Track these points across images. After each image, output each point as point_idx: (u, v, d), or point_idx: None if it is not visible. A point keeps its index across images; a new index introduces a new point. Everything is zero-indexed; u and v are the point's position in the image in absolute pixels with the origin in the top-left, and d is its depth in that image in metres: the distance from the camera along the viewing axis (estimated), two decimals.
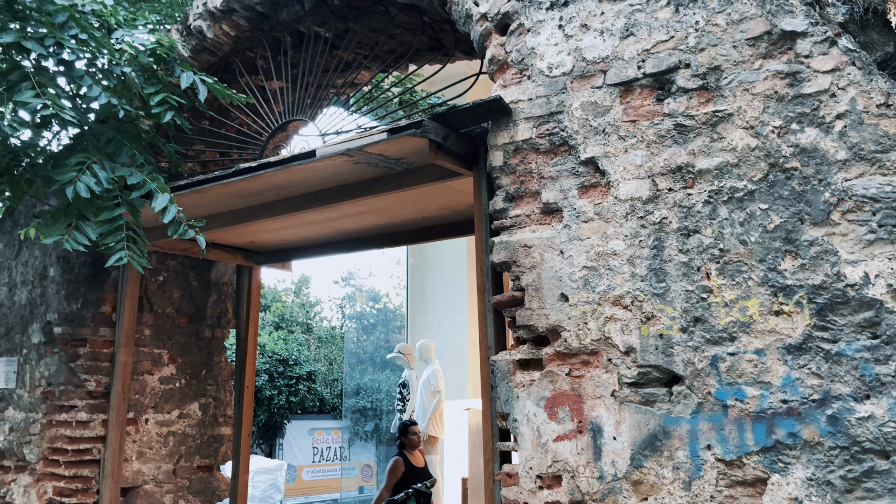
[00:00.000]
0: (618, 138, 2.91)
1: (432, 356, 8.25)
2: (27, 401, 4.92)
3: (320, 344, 22.90)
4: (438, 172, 3.60)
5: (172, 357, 5.27)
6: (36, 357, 4.95)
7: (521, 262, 3.04)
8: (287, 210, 4.29)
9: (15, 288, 5.27)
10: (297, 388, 17.64)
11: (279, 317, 23.32)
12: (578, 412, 2.81)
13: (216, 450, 5.46)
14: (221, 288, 5.72)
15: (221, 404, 5.55)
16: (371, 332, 18.56)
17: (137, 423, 4.99)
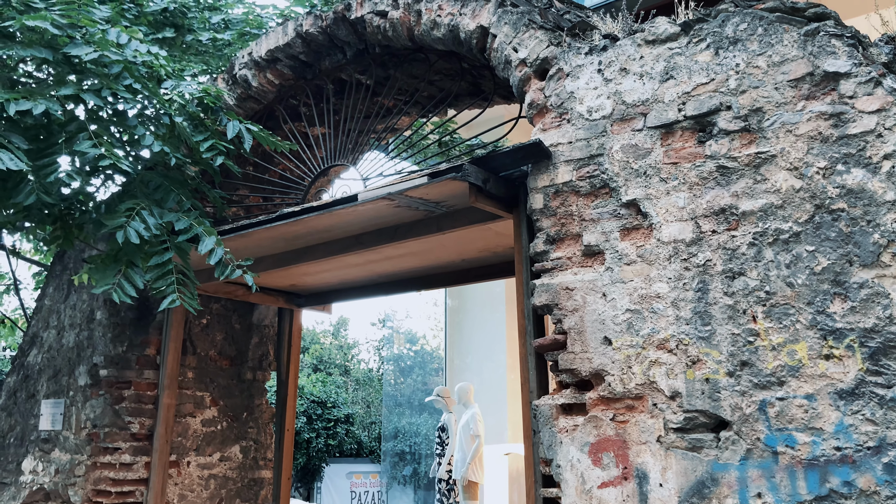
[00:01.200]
0: (659, 180, 2.91)
1: (471, 399, 8.18)
2: (73, 442, 4.99)
3: (358, 386, 22.88)
4: (478, 215, 3.63)
5: (214, 399, 5.32)
6: (82, 399, 5.03)
7: (563, 305, 3.03)
8: (328, 253, 4.35)
9: (63, 331, 5.39)
10: (335, 430, 17.59)
11: (317, 359, 23.41)
12: (623, 458, 2.76)
13: (256, 493, 5.46)
14: (263, 330, 5.77)
15: (262, 447, 5.57)
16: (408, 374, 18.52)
17: (179, 466, 5.02)
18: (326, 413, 17.61)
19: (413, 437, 14.06)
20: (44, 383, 5.39)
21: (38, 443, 5.24)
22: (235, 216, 5.16)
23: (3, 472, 5.49)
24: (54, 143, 3.35)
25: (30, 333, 5.80)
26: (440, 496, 8.28)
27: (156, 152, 3.72)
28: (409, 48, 4.34)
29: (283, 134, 4.94)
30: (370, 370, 25.52)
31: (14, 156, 3.09)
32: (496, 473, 8.11)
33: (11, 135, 3.19)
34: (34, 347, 5.64)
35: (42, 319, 5.68)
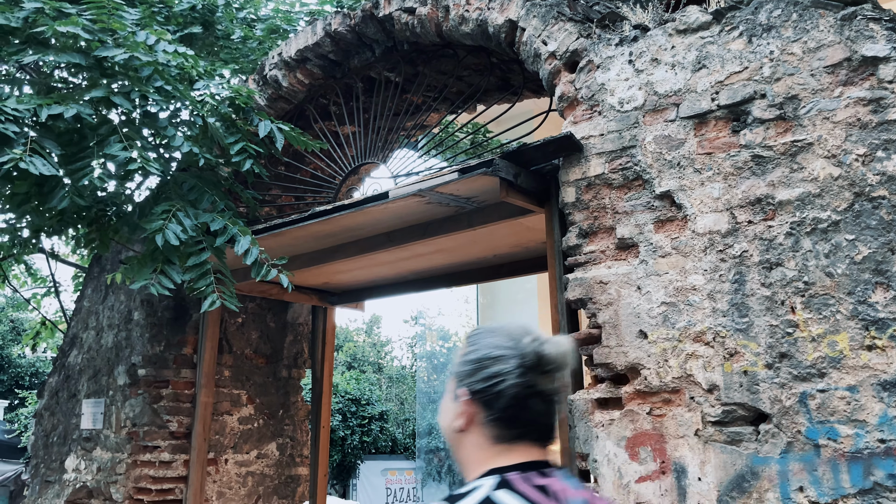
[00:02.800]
0: (693, 171, 2.87)
1: None
2: (113, 441, 5.07)
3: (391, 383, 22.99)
4: (509, 210, 3.61)
5: (251, 397, 5.38)
6: (121, 398, 5.11)
7: (597, 299, 3.01)
8: (360, 251, 4.36)
9: (102, 332, 5.49)
10: (369, 427, 17.70)
11: (351, 356, 23.56)
12: (661, 452, 2.73)
13: (293, 490, 5.51)
14: (297, 328, 5.82)
15: (298, 444, 5.62)
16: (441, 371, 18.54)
17: (217, 464, 5.09)
18: (361, 410, 17.72)
19: None
20: (84, 383, 5.49)
21: (80, 441, 5.35)
22: (268, 216, 5.20)
23: (47, 470, 5.61)
24: (86, 147, 3.41)
25: (70, 335, 5.91)
26: None
27: (185, 153, 3.76)
28: (438, 44, 4.34)
29: (314, 133, 4.97)
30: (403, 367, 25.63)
31: (47, 161, 3.15)
32: None
33: (45, 140, 3.25)
34: (74, 348, 5.75)
35: (81, 321, 5.78)
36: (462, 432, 1.43)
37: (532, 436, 1.40)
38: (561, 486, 1.37)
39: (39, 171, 3.11)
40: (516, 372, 1.37)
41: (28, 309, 8.89)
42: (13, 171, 3.13)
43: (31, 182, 3.42)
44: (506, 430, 1.39)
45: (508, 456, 1.38)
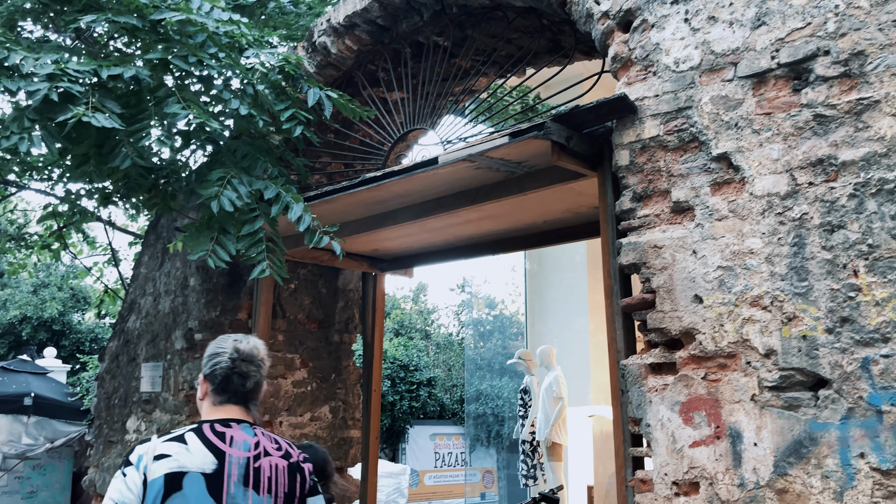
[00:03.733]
0: (752, 132, 2.79)
1: (553, 362, 8.16)
2: (172, 403, 5.23)
3: (439, 350, 23.18)
4: (561, 174, 3.58)
5: (304, 361, 5.48)
6: (179, 362, 5.26)
7: (651, 264, 2.97)
8: (410, 217, 4.38)
9: (159, 297, 5.63)
10: (418, 393, 17.90)
11: (398, 323, 23.80)
12: (716, 417, 2.71)
13: (346, 452, 5.62)
14: (348, 294, 5.89)
15: (350, 407, 5.71)
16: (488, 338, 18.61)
17: (273, 426, 5.21)
18: (409, 376, 17.91)
19: (495, 399, 14.19)
20: (143, 347, 5.66)
21: (139, 403, 5.53)
22: (318, 183, 5.25)
23: (110, 430, 5.82)
24: (145, 109, 3.47)
25: (128, 300, 6.08)
26: (524, 457, 8.34)
27: (242, 117, 3.80)
28: (487, 6, 4.28)
29: (362, 99, 4.97)
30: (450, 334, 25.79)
31: (108, 117, 3.21)
32: (580, 435, 8.10)
33: (105, 100, 3.32)
34: (133, 314, 5.92)
35: (139, 287, 5.94)
36: (202, 400, 2.30)
37: (234, 400, 2.25)
38: (236, 433, 2.17)
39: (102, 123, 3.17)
40: (225, 361, 2.23)
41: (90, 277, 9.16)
42: (73, 133, 3.20)
43: (92, 143, 3.49)
44: (219, 397, 2.25)
45: (216, 414, 2.23)
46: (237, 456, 2.14)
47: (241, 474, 2.12)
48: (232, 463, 2.12)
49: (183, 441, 2.12)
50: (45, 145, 3.36)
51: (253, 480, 2.13)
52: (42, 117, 3.21)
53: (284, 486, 2.18)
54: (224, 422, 2.19)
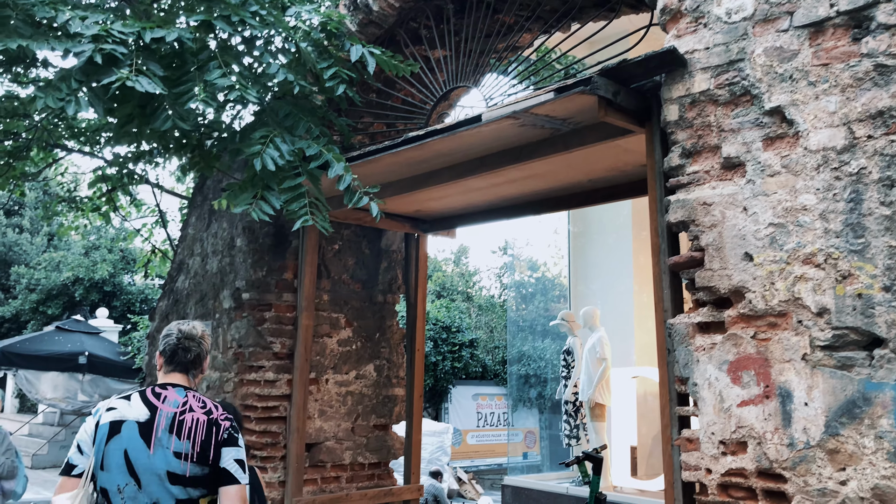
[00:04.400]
0: (807, 84, 2.70)
1: (597, 323, 8.12)
2: (221, 361, 5.35)
3: (480, 312, 23.27)
4: (607, 131, 3.51)
5: (349, 321, 5.54)
6: (227, 321, 5.36)
7: (700, 221, 2.91)
8: (453, 177, 4.35)
9: (207, 258, 5.72)
10: (460, 354, 18.04)
11: (440, 286, 23.92)
12: (765, 376, 2.67)
13: (390, 410, 5.70)
14: (391, 255, 5.92)
15: (394, 366, 5.78)
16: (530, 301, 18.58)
17: (318, 383, 5.30)
18: (451, 337, 18.04)
19: (537, 361, 14.21)
20: (192, 307, 5.78)
21: None
22: (361, 144, 5.24)
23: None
24: (187, 72, 3.49)
25: (177, 261, 6.20)
26: (566, 417, 8.37)
27: (280, 81, 3.80)
28: None
29: (405, 58, 4.92)
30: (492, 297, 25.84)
31: (152, 81, 3.24)
32: (624, 396, 8.08)
33: (149, 63, 3.34)
34: (181, 274, 6.04)
35: (187, 248, 6.05)
36: (158, 370, 2.91)
37: (179, 369, 2.87)
38: (170, 394, 2.77)
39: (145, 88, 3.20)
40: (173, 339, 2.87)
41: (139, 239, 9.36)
42: (118, 94, 3.24)
43: (136, 104, 3.52)
44: (168, 366, 2.87)
45: (164, 379, 2.85)
46: (167, 410, 2.76)
47: (167, 424, 2.73)
48: (161, 415, 2.74)
49: (128, 399, 2.80)
50: (92, 107, 3.41)
51: (177, 429, 2.73)
52: (88, 79, 3.24)
53: (202, 435, 2.74)
54: (163, 385, 2.84)
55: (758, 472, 2.63)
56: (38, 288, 19.04)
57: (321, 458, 5.23)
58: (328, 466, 5.28)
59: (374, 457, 5.55)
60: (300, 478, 4.95)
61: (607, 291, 9.35)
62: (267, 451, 4.98)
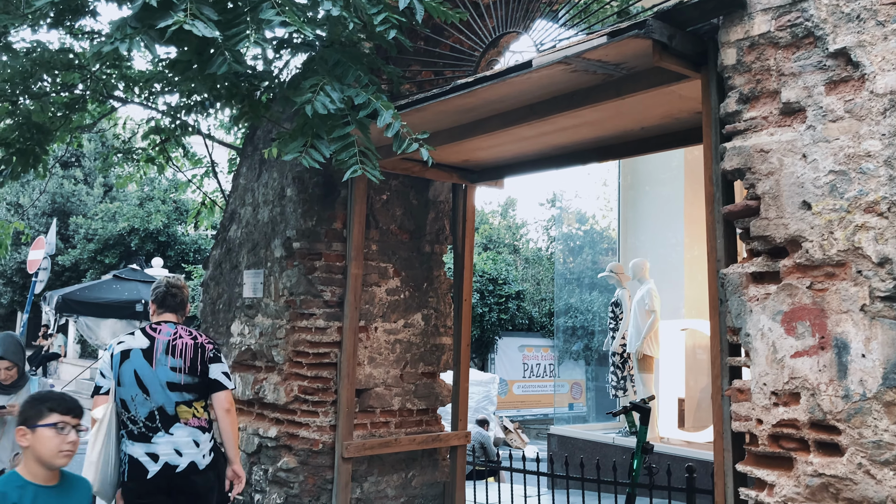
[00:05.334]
0: (875, 24, 2.58)
1: (646, 275, 8.05)
2: (273, 308, 5.46)
3: (527, 265, 23.26)
4: (661, 77, 3.42)
5: (397, 270, 5.59)
6: (279, 269, 5.45)
7: (757, 169, 2.83)
8: (502, 125, 4.31)
9: (258, 207, 5.81)
10: (506, 306, 18.11)
11: (487, 238, 23.93)
12: (820, 327, 2.61)
13: (438, 358, 5.77)
14: (439, 206, 5.92)
15: (441, 316, 5.83)
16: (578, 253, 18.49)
17: (368, 331, 5.38)
18: (498, 289, 18.10)
19: (585, 313, 14.19)
20: (244, 255, 5.89)
21: (243, 309, 5.79)
22: (408, 92, 5.21)
23: (215, 334, 6.15)
24: (240, 14, 3.49)
25: (228, 210, 6.31)
26: (613, 369, 8.37)
27: (332, 22, 3.77)
28: None
29: (453, 4, 4.85)
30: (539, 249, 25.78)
31: (207, 25, 3.25)
32: (672, 348, 8.04)
33: (203, 6, 3.35)
34: (233, 223, 6.14)
35: (238, 197, 6.14)
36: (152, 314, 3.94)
37: (168, 311, 3.91)
38: (164, 328, 3.81)
39: (202, 32, 3.21)
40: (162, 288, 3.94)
41: (190, 190, 9.53)
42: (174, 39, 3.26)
43: (193, 49, 3.54)
44: (160, 309, 3.93)
45: (157, 319, 3.92)
46: (162, 339, 3.82)
47: (164, 348, 3.79)
48: (159, 342, 3.81)
49: (132, 334, 3.89)
50: (147, 49, 3.45)
51: (171, 351, 3.79)
52: (143, 25, 3.27)
53: (190, 353, 3.82)
54: (158, 323, 3.92)
55: (810, 423, 2.60)
56: (95, 238, 19.61)
57: (371, 404, 5.34)
58: (377, 412, 5.40)
59: (423, 403, 5.64)
60: (350, 422, 5.07)
61: (657, 244, 9.23)
62: (318, 395, 5.10)
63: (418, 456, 5.58)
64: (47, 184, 17.85)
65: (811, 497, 2.57)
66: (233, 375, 5.69)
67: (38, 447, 2.59)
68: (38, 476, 2.62)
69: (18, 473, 2.63)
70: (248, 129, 6.26)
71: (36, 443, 2.59)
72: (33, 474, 2.62)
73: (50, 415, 2.60)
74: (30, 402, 2.69)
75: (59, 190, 20.83)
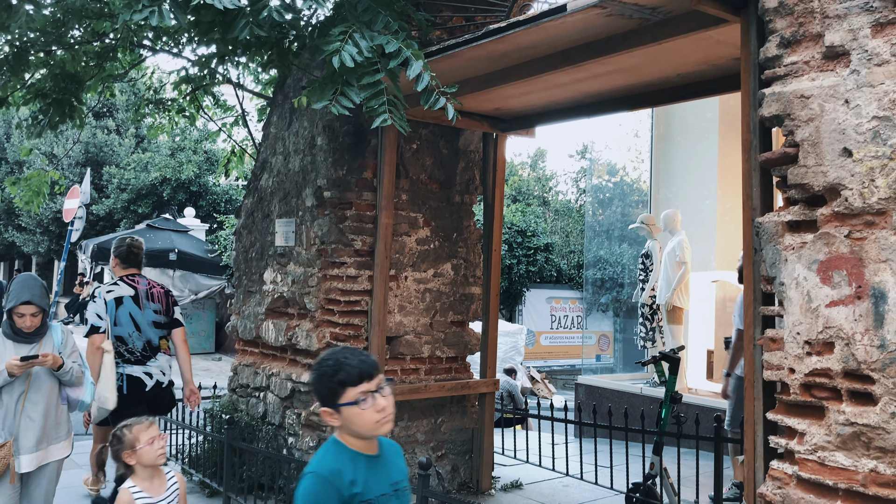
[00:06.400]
0: None
1: (678, 227, 7.97)
2: (305, 257, 5.51)
3: (556, 217, 23.14)
4: (699, 21, 3.34)
5: (427, 220, 5.60)
6: (310, 218, 5.49)
7: (797, 115, 2.77)
8: (535, 72, 4.24)
9: (289, 156, 5.82)
10: (535, 258, 18.09)
11: (516, 190, 23.80)
12: (858, 276, 2.58)
13: (467, 307, 5.81)
14: (469, 155, 5.89)
15: (471, 265, 5.85)
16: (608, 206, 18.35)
17: (398, 280, 5.43)
18: (526, 241, 18.07)
19: (614, 265, 14.13)
20: (276, 204, 5.93)
21: (275, 257, 5.86)
22: (439, 39, 5.14)
23: (248, 281, 6.24)
24: None
25: (260, 159, 6.33)
26: (642, 320, 8.36)
27: None
28: None
29: None
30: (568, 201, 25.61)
31: None
32: (702, 300, 8.00)
33: None
34: (265, 172, 6.17)
35: (269, 146, 6.15)
36: (115, 267, 5.14)
37: (133, 266, 5.15)
38: (139, 279, 5.07)
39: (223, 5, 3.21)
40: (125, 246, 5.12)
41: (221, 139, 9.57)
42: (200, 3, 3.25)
43: (216, 11, 3.54)
44: (124, 264, 5.13)
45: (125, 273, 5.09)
46: (142, 288, 5.03)
47: (146, 295, 5.02)
48: (140, 291, 5.02)
49: (117, 285, 4.97)
50: (175, 18, 3.45)
51: (151, 297, 5.05)
52: None
53: (163, 299, 5.14)
54: (132, 276, 5.08)
55: (844, 372, 2.59)
56: (128, 188, 19.84)
57: (401, 351, 5.41)
58: (408, 359, 5.47)
59: (452, 351, 5.70)
60: (381, 369, 5.14)
61: (689, 195, 9.12)
62: (349, 342, 5.18)
63: (447, 402, 5.66)
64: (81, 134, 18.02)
65: (842, 446, 2.57)
66: (266, 322, 5.79)
67: (351, 426, 2.20)
68: (361, 446, 2.24)
69: (342, 443, 2.23)
70: (277, 78, 6.25)
71: (347, 422, 2.19)
72: (355, 445, 2.24)
73: (345, 391, 2.16)
74: (318, 379, 2.21)
75: (91, 140, 21.02)
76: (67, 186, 12.57)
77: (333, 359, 2.21)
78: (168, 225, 17.26)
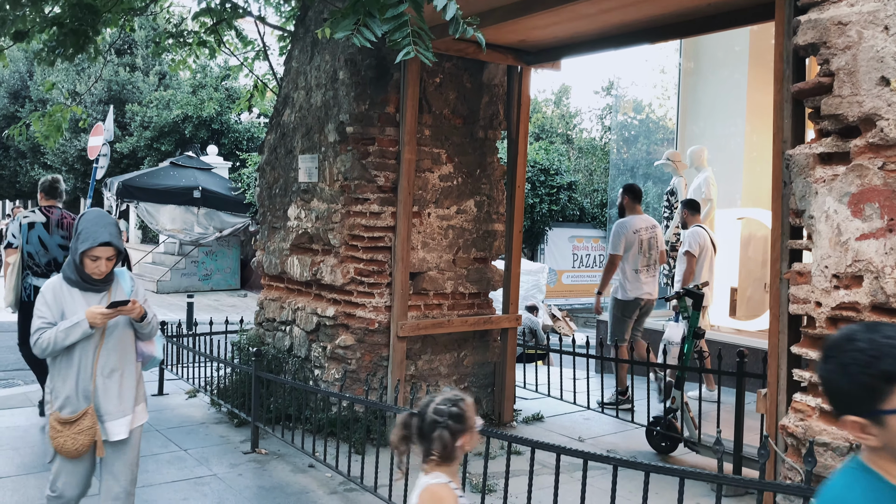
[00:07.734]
0: None
1: (704, 163, 7.84)
2: (328, 193, 5.52)
3: (580, 155, 22.87)
4: None
5: (450, 156, 5.56)
6: (333, 154, 5.47)
7: (833, 43, 2.68)
8: (561, 1, 4.14)
9: (311, 91, 5.77)
10: (557, 197, 17.97)
11: (539, 127, 23.50)
12: (891, 209, 2.53)
13: (490, 244, 5.81)
14: (493, 90, 5.80)
15: (494, 202, 5.82)
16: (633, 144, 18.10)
17: (421, 216, 5.42)
18: (549, 180, 17.92)
19: None
20: (298, 140, 5.91)
21: (299, 193, 5.87)
22: None
23: (273, 217, 6.27)
24: None
25: (282, 94, 6.29)
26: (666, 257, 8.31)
27: None
28: None
29: None
30: (592, 139, 25.26)
31: None
32: (727, 237, 7.92)
33: None
34: (287, 107, 6.14)
35: (291, 81, 6.10)
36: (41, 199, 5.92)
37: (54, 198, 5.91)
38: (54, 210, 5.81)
39: None
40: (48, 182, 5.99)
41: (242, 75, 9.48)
42: None
43: None
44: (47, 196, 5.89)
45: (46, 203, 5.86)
46: (54, 217, 5.70)
47: (56, 222, 5.70)
48: (52, 218, 5.69)
49: (34, 212, 5.71)
50: None
51: (60, 225, 5.71)
52: None
53: (71, 227, 5.47)
54: (49, 207, 5.77)
55: (872, 306, 2.57)
56: (151, 125, 19.85)
57: (424, 287, 5.45)
58: (431, 294, 5.51)
59: (475, 287, 5.73)
60: (405, 303, 5.19)
61: (717, 131, 8.94)
62: (374, 277, 5.22)
63: (470, 337, 5.72)
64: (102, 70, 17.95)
65: None
66: (291, 258, 5.84)
67: None
68: None
69: (878, 474, 1.42)
70: (298, 11, 6.15)
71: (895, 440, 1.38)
72: None
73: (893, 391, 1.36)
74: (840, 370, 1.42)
75: (114, 77, 20.96)
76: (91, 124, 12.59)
77: (865, 339, 1.39)
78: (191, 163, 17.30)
